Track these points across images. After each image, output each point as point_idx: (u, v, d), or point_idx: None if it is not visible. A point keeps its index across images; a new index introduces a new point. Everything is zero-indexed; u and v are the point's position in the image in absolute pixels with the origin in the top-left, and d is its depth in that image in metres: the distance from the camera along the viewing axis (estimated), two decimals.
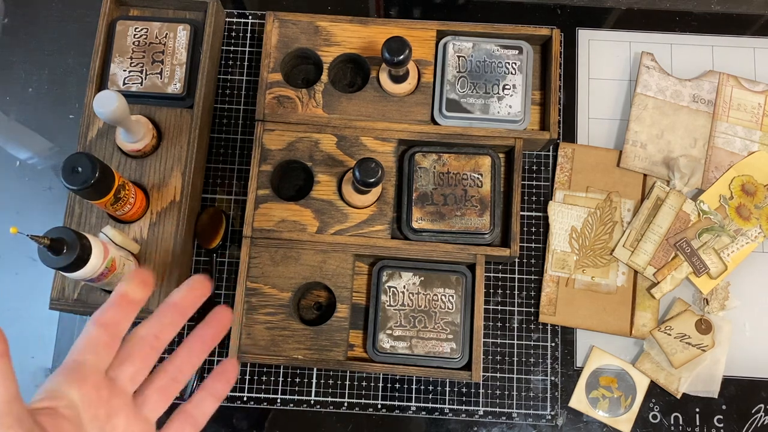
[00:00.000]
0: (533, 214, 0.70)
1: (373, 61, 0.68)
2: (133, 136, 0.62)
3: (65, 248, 0.51)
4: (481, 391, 0.66)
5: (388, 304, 0.64)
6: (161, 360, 0.35)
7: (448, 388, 0.66)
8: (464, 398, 0.66)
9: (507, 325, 0.68)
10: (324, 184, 0.65)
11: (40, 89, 0.74)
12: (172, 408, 0.36)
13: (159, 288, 0.62)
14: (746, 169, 0.69)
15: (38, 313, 0.67)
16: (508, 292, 0.68)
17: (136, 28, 0.67)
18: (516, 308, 0.68)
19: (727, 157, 0.69)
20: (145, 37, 0.67)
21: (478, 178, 0.66)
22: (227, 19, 0.75)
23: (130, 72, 0.67)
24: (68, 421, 0.30)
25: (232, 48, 0.74)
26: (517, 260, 0.69)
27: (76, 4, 0.76)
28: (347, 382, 0.66)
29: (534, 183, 0.71)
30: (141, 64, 0.67)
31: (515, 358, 0.67)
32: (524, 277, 0.68)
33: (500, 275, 0.69)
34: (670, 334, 0.65)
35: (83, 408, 0.31)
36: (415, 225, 0.65)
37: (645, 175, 0.69)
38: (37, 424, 0.28)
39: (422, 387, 0.66)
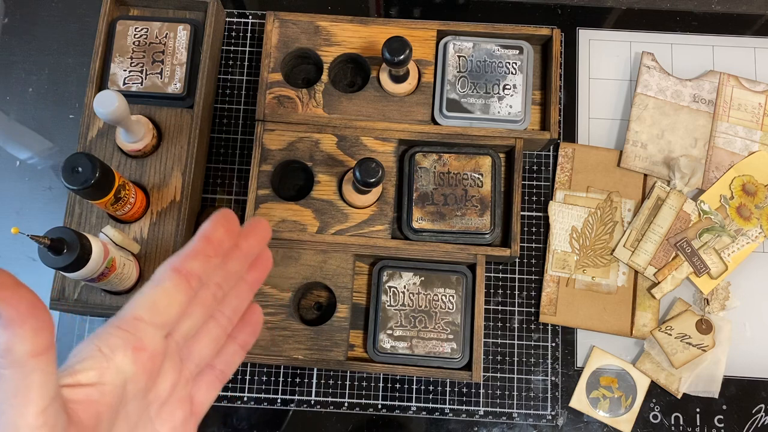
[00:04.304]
0: (533, 214, 0.70)
1: (374, 61, 0.68)
2: (133, 136, 0.62)
3: (65, 248, 0.51)
4: (481, 391, 0.66)
5: (388, 304, 0.64)
6: None
7: (448, 388, 0.66)
8: (465, 398, 0.66)
9: (507, 325, 0.67)
10: (324, 184, 0.65)
11: (40, 89, 0.74)
12: None
13: None
14: (747, 169, 0.69)
15: None
16: (508, 292, 0.68)
17: (136, 28, 0.67)
18: (516, 308, 0.68)
19: (728, 157, 0.69)
20: (145, 37, 0.67)
21: (478, 178, 0.66)
22: (227, 19, 0.75)
23: (130, 72, 0.67)
24: (107, 405, 0.24)
25: (232, 48, 0.74)
26: (517, 260, 0.69)
27: (76, 4, 0.76)
28: (347, 382, 0.66)
29: (534, 183, 0.71)
30: (141, 64, 0.67)
31: (516, 359, 0.67)
32: (524, 277, 0.68)
33: (500, 275, 0.69)
34: (670, 334, 0.65)
35: (131, 381, 0.25)
36: (415, 225, 0.65)
37: (645, 175, 0.69)
38: (72, 422, 0.23)
39: (422, 387, 0.66)
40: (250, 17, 0.75)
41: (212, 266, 0.28)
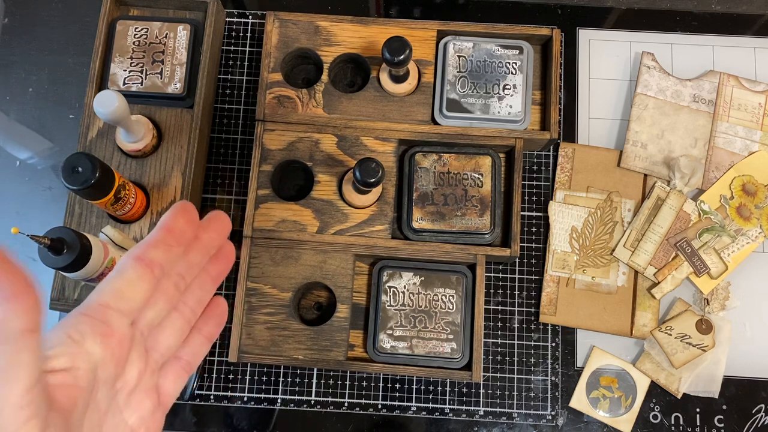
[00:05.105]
0: (533, 214, 0.70)
1: (374, 61, 0.68)
2: (133, 136, 0.62)
3: (65, 248, 0.51)
4: (481, 391, 0.66)
5: (388, 304, 0.64)
6: None
7: (448, 388, 0.66)
8: (465, 398, 0.66)
9: (507, 325, 0.67)
10: (324, 184, 0.65)
11: (40, 89, 0.74)
12: None
13: None
14: (747, 169, 0.69)
15: None
16: (508, 292, 0.68)
17: (136, 28, 0.67)
18: (516, 308, 0.68)
19: (728, 157, 0.69)
20: (145, 37, 0.67)
21: (478, 178, 0.66)
22: (227, 19, 0.75)
23: (130, 72, 0.67)
24: (81, 389, 0.24)
25: (232, 48, 0.74)
26: (517, 260, 0.69)
27: (76, 4, 0.76)
28: (347, 382, 0.66)
29: (534, 183, 0.71)
30: (141, 64, 0.67)
31: (516, 359, 0.67)
32: (524, 277, 0.68)
33: (501, 275, 0.69)
34: (670, 334, 0.64)
35: (101, 367, 0.25)
36: (415, 225, 0.65)
37: (645, 175, 0.69)
38: (52, 404, 0.23)
39: (422, 387, 0.66)
40: (250, 17, 0.75)
41: (174, 256, 0.29)
